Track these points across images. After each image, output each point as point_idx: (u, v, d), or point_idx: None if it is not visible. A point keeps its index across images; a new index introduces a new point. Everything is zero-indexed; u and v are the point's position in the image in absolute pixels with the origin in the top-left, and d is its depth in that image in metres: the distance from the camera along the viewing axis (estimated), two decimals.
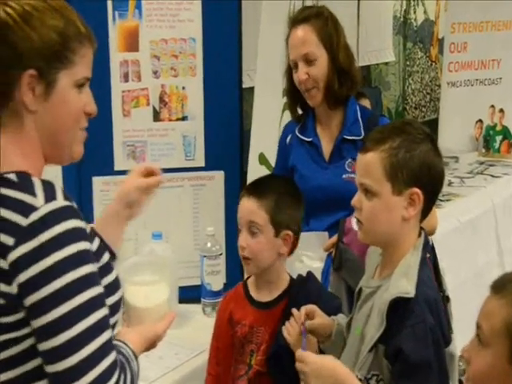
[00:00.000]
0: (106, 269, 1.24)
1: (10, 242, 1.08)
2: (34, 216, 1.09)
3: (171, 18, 2.56)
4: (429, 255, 1.55)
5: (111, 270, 1.27)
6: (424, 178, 1.50)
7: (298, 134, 2.28)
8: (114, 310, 1.25)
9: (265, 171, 2.70)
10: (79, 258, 1.11)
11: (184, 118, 2.60)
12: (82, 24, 1.22)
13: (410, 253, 1.51)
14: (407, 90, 5.28)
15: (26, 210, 1.09)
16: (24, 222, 1.09)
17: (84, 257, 1.12)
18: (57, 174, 2.24)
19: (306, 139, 2.25)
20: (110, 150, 2.54)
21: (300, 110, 2.32)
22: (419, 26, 5.38)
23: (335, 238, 2.09)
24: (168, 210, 2.55)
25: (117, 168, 2.56)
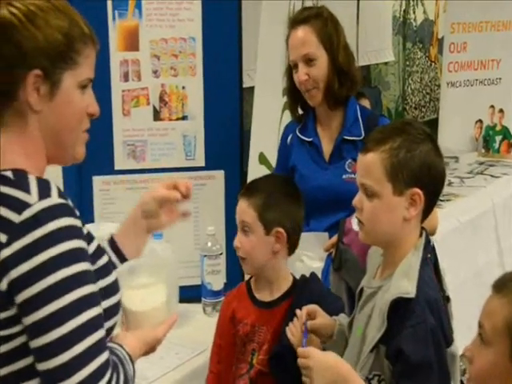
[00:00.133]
0: (104, 271, 1.23)
1: (2, 238, 1.08)
2: (27, 213, 1.08)
3: (171, 18, 2.55)
4: (429, 255, 1.55)
5: (109, 273, 1.26)
6: (425, 178, 1.49)
7: (299, 134, 2.27)
8: (112, 312, 1.24)
9: (265, 171, 2.70)
10: (72, 256, 1.10)
11: (184, 118, 2.60)
12: (85, 25, 1.22)
13: (411, 253, 1.51)
14: (407, 90, 5.28)
15: (20, 206, 1.09)
16: (17, 218, 1.08)
17: (77, 255, 1.11)
18: (57, 173, 2.24)
19: (307, 139, 2.25)
20: (111, 149, 2.54)
21: (300, 110, 2.32)
22: (419, 26, 5.38)
23: (335, 238, 2.09)
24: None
25: (117, 167, 2.56)
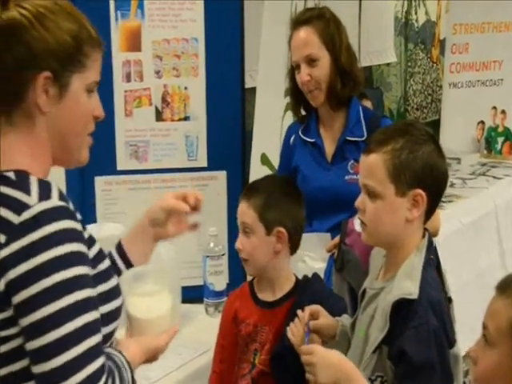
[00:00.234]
0: (105, 275, 1.23)
1: (1, 239, 1.08)
2: (27, 214, 1.08)
3: (173, 18, 2.56)
4: (432, 256, 1.55)
5: (110, 277, 1.25)
6: (427, 179, 1.49)
7: (301, 135, 2.27)
8: (113, 317, 1.23)
9: (267, 171, 2.70)
10: (71, 259, 1.09)
11: (186, 118, 2.60)
12: (92, 28, 1.22)
13: (414, 254, 1.51)
14: (409, 91, 5.27)
15: (20, 207, 1.09)
16: (16, 219, 1.08)
17: (76, 258, 1.11)
18: (60, 173, 2.24)
19: (309, 140, 2.25)
20: (113, 149, 2.54)
21: (303, 111, 2.32)
22: (420, 27, 5.37)
23: (337, 239, 2.10)
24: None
25: (119, 168, 2.57)
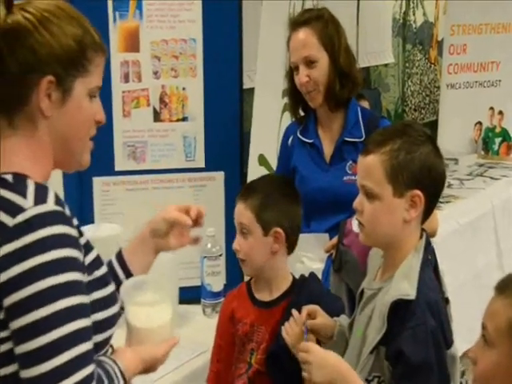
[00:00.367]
0: (101, 282, 1.22)
1: None
2: (21, 217, 1.08)
3: (172, 19, 2.56)
4: (430, 257, 1.56)
5: (107, 284, 1.25)
6: (425, 180, 1.50)
7: (300, 136, 2.27)
8: (109, 324, 1.23)
9: (264, 172, 2.69)
10: (63, 264, 1.09)
11: (184, 119, 2.60)
12: (96, 33, 1.22)
13: (412, 255, 1.51)
14: (406, 92, 5.27)
15: (14, 210, 1.09)
16: (11, 222, 1.08)
17: (68, 264, 1.10)
18: (57, 174, 2.23)
19: (308, 141, 2.25)
20: (111, 150, 2.54)
21: (301, 112, 2.32)
22: (418, 28, 5.37)
23: (335, 239, 2.10)
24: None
25: (117, 168, 2.57)
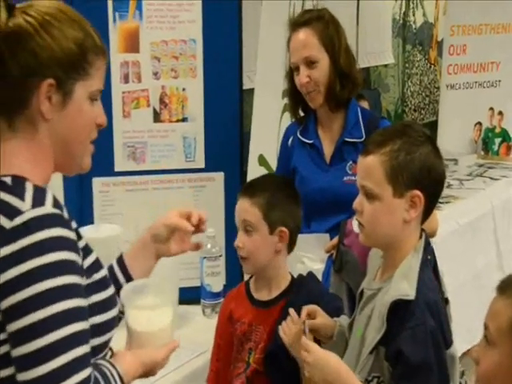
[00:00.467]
0: (100, 285, 1.22)
1: None
2: (18, 220, 1.08)
3: (171, 20, 2.56)
4: (429, 257, 1.56)
5: (106, 287, 1.24)
6: (425, 180, 1.50)
7: (300, 136, 2.27)
8: (108, 327, 1.23)
9: (264, 172, 2.70)
10: (60, 267, 1.08)
11: (184, 120, 2.60)
12: (97, 36, 1.22)
13: (411, 255, 1.51)
14: (406, 93, 5.28)
15: (12, 213, 1.09)
16: (8, 224, 1.08)
17: (66, 267, 1.09)
18: (57, 175, 2.23)
19: (308, 141, 2.25)
20: (110, 151, 2.54)
21: (301, 112, 2.32)
22: (418, 29, 5.38)
23: (336, 239, 2.10)
24: (168, 211, 2.54)
25: (117, 169, 2.57)
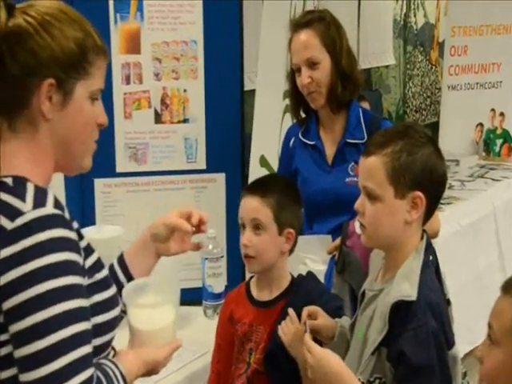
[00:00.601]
0: (102, 285, 1.22)
1: None
2: (20, 221, 1.08)
3: (173, 21, 2.56)
4: (431, 257, 1.56)
5: (108, 287, 1.24)
6: (426, 182, 1.50)
7: (301, 138, 2.27)
8: (110, 326, 1.23)
9: (266, 173, 2.70)
10: (62, 268, 1.09)
11: (185, 121, 2.61)
12: (98, 36, 1.23)
13: (412, 256, 1.51)
14: (408, 94, 5.28)
15: (13, 214, 1.09)
16: (9, 225, 1.08)
17: (67, 267, 1.10)
18: (59, 176, 2.23)
19: (309, 142, 2.25)
20: (112, 152, 2.54)
21: (303, 113, 2.32)
22: (419, 30, 5.38)
23: (338, 241, 2.10)
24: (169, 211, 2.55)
25: (118, 170, 2.57)
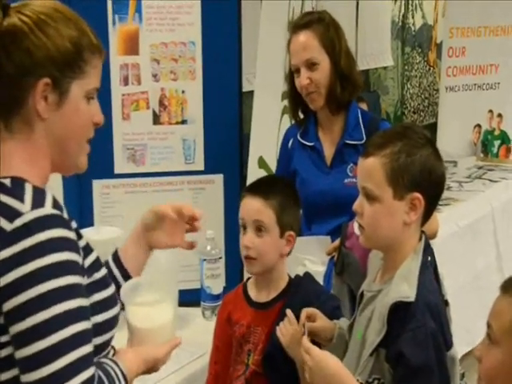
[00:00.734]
0: (101, 284, 1.22)
1: None
2: (19, 222, 1.08)
3: (171, 22, 2.56)
4: (429, 258, 1.56)
5: (107, 286, 1.24)
6: (425, 183, 1.50)
7: (300, 139, 2.28)
8: (109, 326, 1.23)
9: (264, 175, 2.70)
10: (62, 268, 1.09)
11: (184, 122, 2.60)
12: (93, 35, 1.22)
13: (411, 257, 1.51)
14: (406, 95, 5.28)
15: (12, 215, 1.09)
16: (8, 226, 1.08)
17: (67, 267, 1.10)
18: (57, 177, 2.23)
19: (308, 144, 2.26)
20: (110, 153, 2.55)
21: (301, 114, 2.32)
22: (417, 31, 5.38)
23: (337, 242, 2.10)
24: None
25: (117, 171, 2.57)
